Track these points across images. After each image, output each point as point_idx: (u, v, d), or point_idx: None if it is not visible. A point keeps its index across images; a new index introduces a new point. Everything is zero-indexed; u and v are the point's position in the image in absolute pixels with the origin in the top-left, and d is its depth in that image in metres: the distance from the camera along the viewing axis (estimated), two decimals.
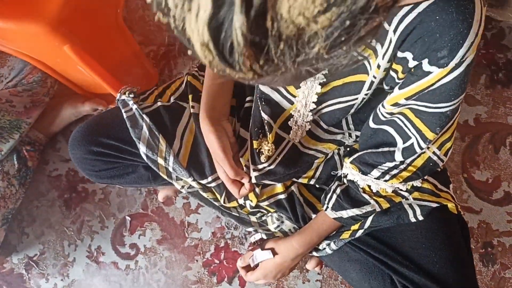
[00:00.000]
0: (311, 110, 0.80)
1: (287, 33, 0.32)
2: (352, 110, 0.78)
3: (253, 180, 0.86)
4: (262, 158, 0.85)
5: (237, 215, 0.98)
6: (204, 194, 0.92)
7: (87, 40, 1.01)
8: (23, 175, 1.23)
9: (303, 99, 0.78)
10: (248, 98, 0.92)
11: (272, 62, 0.34)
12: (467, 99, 1.35)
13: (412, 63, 0.62)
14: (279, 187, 0.92)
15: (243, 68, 0.34)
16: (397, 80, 0.67)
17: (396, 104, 0.69)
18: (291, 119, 0.83)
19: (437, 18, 0.56)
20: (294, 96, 0.79)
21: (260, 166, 0.86)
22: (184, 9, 0.32)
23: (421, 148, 0.71)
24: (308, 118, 0.81)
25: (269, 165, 0.85)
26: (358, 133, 0.87)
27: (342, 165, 0.88)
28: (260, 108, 0.83)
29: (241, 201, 0.93)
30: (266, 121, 0.83)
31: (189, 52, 0.37)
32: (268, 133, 0.84)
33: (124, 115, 0.87)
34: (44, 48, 1.03)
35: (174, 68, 1.41)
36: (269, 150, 0.85)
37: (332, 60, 0.35)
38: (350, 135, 0.88)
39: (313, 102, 0.78)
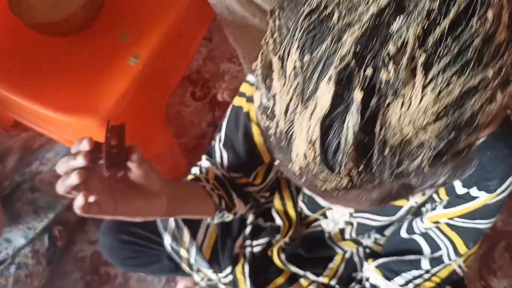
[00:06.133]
0: (349, 213, 0.85)
1: (392, 141, 0.32)
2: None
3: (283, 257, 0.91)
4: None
5: None
6: (222, 287, 0.94)
7: (131, 132, 1.10)
8: (51, 254, 1.27)
9: None
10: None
11: (371, 170, 0.34)
12: None
13: (460, 190, 0.66)
14: None
15: (342, 170, 0.34)
16: (437, 199, 0.71)
17: (436, 222, 0.73)
18: (330, 211, 0.88)
19: (489, 154, 0.61)
20: None
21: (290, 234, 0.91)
22: (297, 110, 0.33)
23: (450, 260, 0.74)
24: (345, 218, 0.86)
25: (294, 239, 0.91)
26: (377, 236, 0.91)
27: (362, 267, 0.91)
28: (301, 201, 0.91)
29: None
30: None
31: (277, 161, 0.39)
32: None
33: None
34: None
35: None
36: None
37: (428, 176, 0.35)
38: (369, 235, 0.92)
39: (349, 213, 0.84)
